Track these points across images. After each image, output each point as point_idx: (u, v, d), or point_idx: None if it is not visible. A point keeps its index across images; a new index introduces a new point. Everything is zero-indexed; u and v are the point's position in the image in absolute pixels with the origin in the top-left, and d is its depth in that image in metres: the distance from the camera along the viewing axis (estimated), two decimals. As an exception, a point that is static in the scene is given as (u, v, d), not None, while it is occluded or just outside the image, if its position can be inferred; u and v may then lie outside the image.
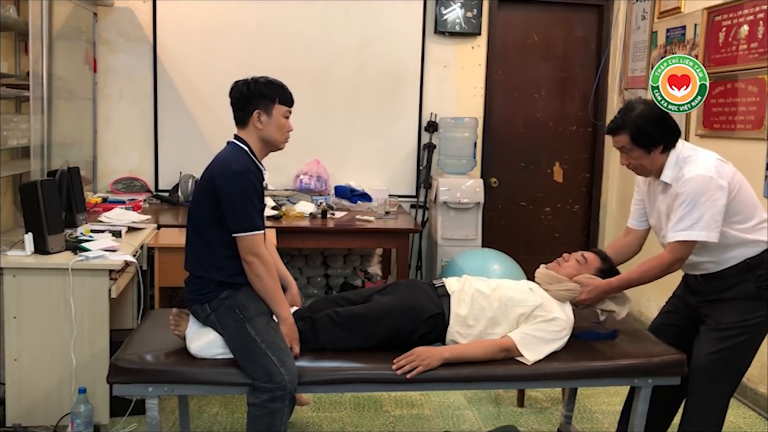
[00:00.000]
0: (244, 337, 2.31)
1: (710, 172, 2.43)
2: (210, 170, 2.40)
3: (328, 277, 4.74)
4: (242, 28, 4.66)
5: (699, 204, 2.39)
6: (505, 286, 2.59)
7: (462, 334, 2.48)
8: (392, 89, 4.87)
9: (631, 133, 2.50)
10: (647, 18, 4.63)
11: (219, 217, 2.34)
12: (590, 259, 2.70)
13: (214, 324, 2.37)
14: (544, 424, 3.25)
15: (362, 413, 3.31)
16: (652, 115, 2.53)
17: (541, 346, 2.43)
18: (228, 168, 2.34)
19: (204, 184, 2.40)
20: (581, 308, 2.66)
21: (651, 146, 2.50)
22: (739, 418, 3.38)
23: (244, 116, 2.44)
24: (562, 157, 5.18)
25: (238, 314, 2.34)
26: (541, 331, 2.45)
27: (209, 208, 2.36)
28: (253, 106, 2.42)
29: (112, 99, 4.61)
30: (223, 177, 2.32)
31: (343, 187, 4.59)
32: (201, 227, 2.40)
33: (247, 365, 2.30)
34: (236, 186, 2.32)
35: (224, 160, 2.40)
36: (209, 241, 2.38)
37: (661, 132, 2.51)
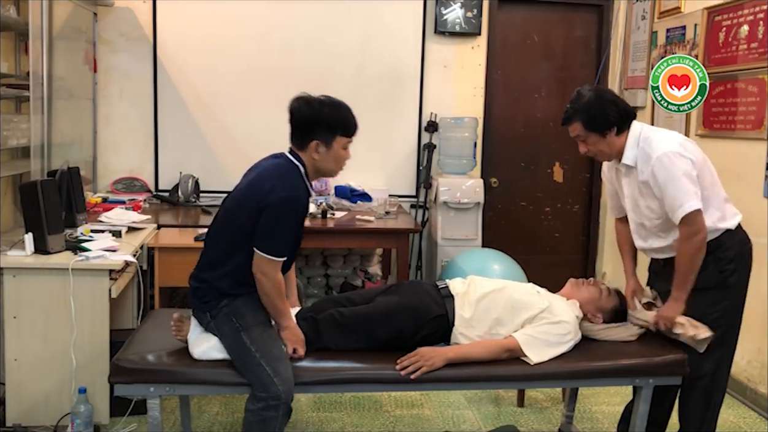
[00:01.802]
0: (240, 346, 2.30)
1: (676, 147, 2.48)
2: (261, 181, 2.32)
3: (328, 277, 4.74)
4: (242, 28, 4.65)
5: (678, 177, 2.43)
6: (513, 288, 2.59)
7: (466, 335, 2.47)
8: (392, 89, 4.87)
9: (583, 119, 2.55)
10: (647, 18, 4.63)
11: (252, 227, 2.28)
12: (612, 296, 2.73)
13: (214, 331, 2.37)
14: (544, 424, 3.25)
15: (362, 413, 3.31)
16: (601, 100, 2.56)
17: (545, 349, 2.43)
18: (281, 188, 2.27)
19: (250, 192, 2.33)
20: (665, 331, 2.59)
21: (604, 130, 2.54)
22: (739, 418, 3.38)
23: (302, 141, 2.38)
24: (562, 157, 5.18)
25: (235, 323, 2.32)
26: (546, 334, 2.45)
27: (246, 216, 2.30)
28: (314, 135, 2.35)
29: (112, 99, 4.60)
30: (273, 195, 2.26)
31: (343, 187, 4.59)
32: (229, 231, 2.35)
33: (244, 374, 2.30)
34: (282, 209, 2.27)
35: (279, 176, 2.32)
36: (231, 246, 2.33)
37: (613, 115, 2.54)
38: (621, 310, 2.70)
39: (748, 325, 3.58)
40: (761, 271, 3.47)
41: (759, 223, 3.49)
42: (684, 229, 2.46)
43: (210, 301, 2.36)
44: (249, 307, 2.35)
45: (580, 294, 2.68)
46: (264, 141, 4.71)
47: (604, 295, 2.69)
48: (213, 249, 2.41)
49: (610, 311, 2.68)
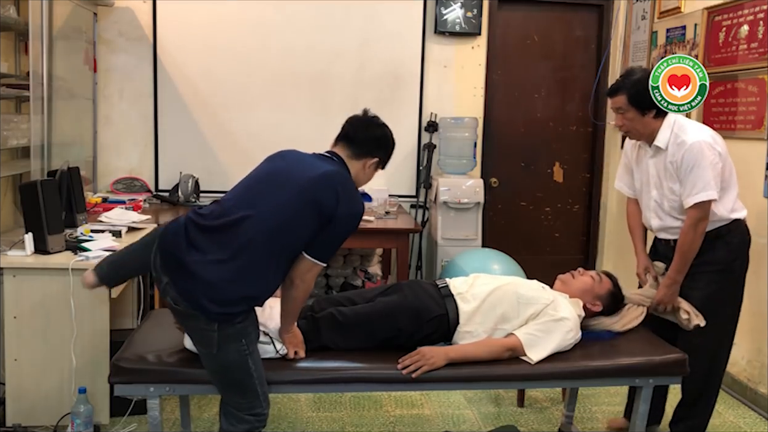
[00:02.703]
0: (243, 368, 2.17)
1: (708, 138, 2.67)
2: (326, 191, 2.18)
3: (328, 277, 4.74)
4: (242, 28, 4.66)
5: (704, 167, 2.61)
6: (518, 283, 2.60)
7: (471, 332, 2.47)
8: (392, 89, 4.87)
9: (629, 94, 2.73)
10: (647, 18, 4.63)
11: (309, 233, 2.16)
12: (604, 280, 2.72)
13: (210, 339, 2.12)
14: (544, 424, 3.25)
15: (362, 413, 3.31)
16: (648, 81, 2.76)
17: (546, 347, 2.43)
18: (349, 201, 2.21)
19: (317, 196, 2.17)
20: (662, 312, 2.76)
21: (645, 109, 2.73)
22: (739, 418, 3.38)
23: (363, 151, 2.37)
24: (562, 157, 5.18)
25: (243, 344, 2.15)
26: (548, 332, 2.44)
27: (304, 220, 2.15)
28: (378, 153, 2.38)
29: (112, 99, 4.61)
30: (343, 209, 2.18)
31: (343, 187, 4.58)
32: (280, 234, 2.13)
33: (231, 394, 2.21)
34: (350, 224, 2.23)
35: (344, 189, 2.22)
36: (278, 251, 2.15)
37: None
38: (616, 292, 2.70)
39: (748, 325, 3.59)
40: (761, 271, 3.48)
41: (759, 223, 3.49)
42: (694, 214, 2.64)
43: (224, 311, 2.10)
44: (253, 325, 2.21)
45: (573, 287, 2.67)
46: (264, 141, 4.74)
47: (597, 281, 2.69)
48: (246, 249, 2.11)
49: (607, 295, 2.67)
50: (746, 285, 3.66)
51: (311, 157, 2.38)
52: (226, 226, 2.14)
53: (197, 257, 2.09)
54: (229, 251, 2.10)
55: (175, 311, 2.18)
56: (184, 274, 2.09)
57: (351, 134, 2.40)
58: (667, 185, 2.74)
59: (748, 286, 3.63)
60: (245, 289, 2.11)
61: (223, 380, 2.21)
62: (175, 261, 2.11)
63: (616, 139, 5.05)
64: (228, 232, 2.13)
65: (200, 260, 2.09)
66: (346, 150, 2.38)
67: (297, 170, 2.28)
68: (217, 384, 2.23)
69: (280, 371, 2.31)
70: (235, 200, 2.24)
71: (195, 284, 2.08)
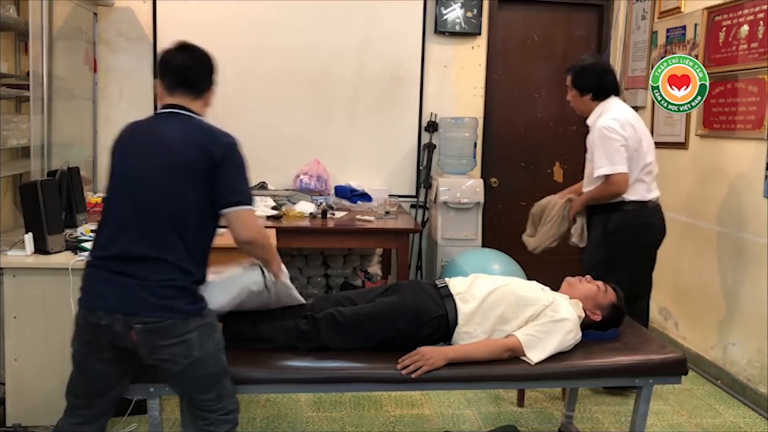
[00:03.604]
0: (219, 366, 2.13)
1: (612, 123, 3.21)
2: (196, 139, 2.07)
3: (328, 277, 4.74)
4: (242, 27, 4.65)
5: (606, 146, 3.19)
6: (517, 284, 2.59)
7: (470, 333, 2.47)
8: (392, 89, 4.87)
9: (572, 76, 3.37)
10: (647, 18, 4.63)
11: (208, 197, 2.07)
12: (609, 292, 2.70)
13: (191, 344, 2.05)
14: (544, 424, 3.25)
15: (362, 413, 3.31)
16: (593, 69, 3.35)
17: (546, 348, 2.42)
18: (224, 134, 2.11)
19: (189, 155, 2.05)
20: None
21: (583, 91, 3.34)
22: (739, 418, 3.38)
23: (201, 86, 2.19)
24: (562, 157, 5.18)
25: (217, 340, 2.13)
26: (548, 333, 2.44)
27: (200, 186, 2.05)
28: (212, 78, 2.22)
29: (112, 99, 4.60)
30: (225, 141, 2.09)
31: (343, 187, 4.59)
32: (187, 212, 2.06)
33: (207, 397, 2.12)
34: (239, 152, 2.11)
35: (209, 127, 2.14)
36: (194, 231, 2.08)
37: (593, 84, 3.31)
38: (619, 306, 2.69)
39: (748, 325, 3.59)
40: (761, 270, 3.48)
41: (759, 223, 3.49)
42: (601, 184, 3.26)
43: (188, 304, 2.06)
44: (215, 320, 2.18)
45: (578, 291, 2.67)
46: (264, 140, 4.74)
47: (602, 291, 2.69)
48: (171, 238, 2.03)
49: (608, 307, 2.67)
50: (746, 284, 3.67)
51: (161, 128, 2.14)
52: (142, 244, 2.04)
53: (141, 275, 2.02)
54: (160, 251, 2.03)
55: (145, 342, 2.03)
56: (140, 294, 2.01)
57: (187, 79, 2.17)
58: (590, 157, 3.34)
59: (748, 286, 3.64)
60: (193, 274, 2.07)
61: (202, 383, 2.12)
62: (128, 298, 2.02)
63: (616, 139, 5.05)
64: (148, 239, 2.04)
65: (144, 275, 2.02)
66: (186, 96, 2.17)
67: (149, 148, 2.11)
68: (192, 390, 2.13)
69: (281, 371, 2.31)
70: (127, 216, 2.08)
71: (155, 293, 2.01)
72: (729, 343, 3.74)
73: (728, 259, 3.75)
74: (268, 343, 2.40)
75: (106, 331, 2.04)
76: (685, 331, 4.16)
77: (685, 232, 4.15)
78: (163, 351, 2.04)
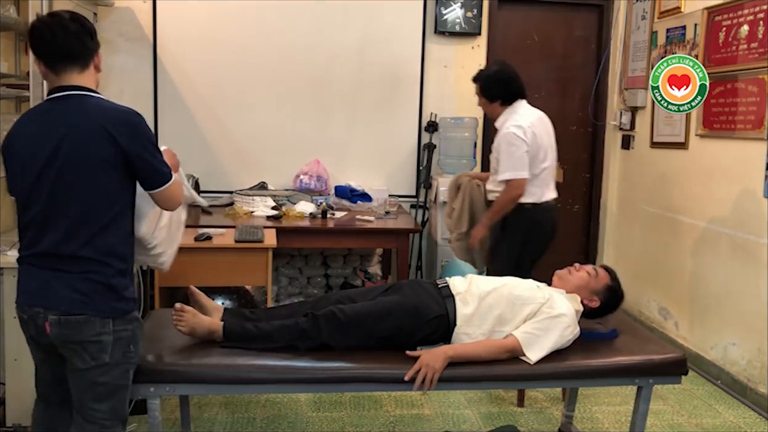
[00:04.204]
0: (122, 381, 2.08)
1: (516, 130, 3.35)
2: (96, 120, 1.96)
3: (328, 277, 4.74)
4: (242, 28, 4.66)
5: (509, 153, 3.34)
6: (513, 284, 2.59)
7: (469, 334, 2.46)
8: (392, 89, 4.87)
9: (480, 86, 3.49)
10: (647, 18, 4.63)
11: (122, 184, 2.01)
12: (601, 275, 2.70)
13: (104, 348, 2.01)
14: (544, 424, 3.25)
15: (362, 413, 3.31)
16: (498, 77, 3.48)
17: (545, 345, 2.42)
18: (126, 109, 2.01)
19: (101, 143, 1.95)
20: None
21: (492, 99, 3.48)
22: (739, 418, 3.38)
23: (85, 54, 2.02)
24: (562, 157, 5.15)
25: (132, 352, 2.09)
26: (546, 330, 2.43)
27: (113, 175, 1.98)
28: (95, 44, 2.05)
29: (111, 99, 4.58)
30: (130, 120, 2.00)
31: (343, 187, 4.59)
32: (101, 203, 1.98)
33: (101, 406, 2.05)
34: (147, 131, 2.03)
35: (108, 104, 2.03)
36: (110, 221, 2.00)
37: (501, 91, 3.45)
38: (615, 286, 2.67)
39: (748, 325, 3.59)
40: (761, 271, 3.48)
41: (759, 223, 3.49)
42: (503, 187, 3.38)
43: (113, 304, 2.01)
44: (142, 334, 2.14)
45: (570, 284, 2.66)
46: (264, 141, 4.74)
47: (593, 276, 2.67)
48: (90, 227, 1.96)
49: (604, 290, 2.65)
50: (746, 284, 3.67)
51: (59, 117, 1.99)
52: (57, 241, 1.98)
53: (61, 268, 1.98)
54: (78, 245, 1.98)
55: (58, 334, 1.99)
56: (59, 288, 1.97)
57: (66, 50, 1.99)
58: (493, 156, 3.51)
59: (748, 286, 3.64)
60: (109, 281, 2.00)
61: (99, 390, 2.05)
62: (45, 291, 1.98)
63: (616, 139, 5.05)
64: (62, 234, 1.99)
65: (64, 269, 1.98)
66: (72, 70, 2.01)
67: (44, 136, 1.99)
68: (87, 395, 2.05)
69: (281, 371, 2.31)
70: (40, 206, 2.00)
71: (74, 287, 1.97)
72: (729, 343, 3.74)
73: (728, 259, 3.75)
74: (269, 341, 2.40)
75: (30, 326, 2.04)
76: (685, 331, 4.16)
77: (685, 232, 4.15)
78: (74, 344, 2.00)
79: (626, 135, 4.91)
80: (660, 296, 4.44)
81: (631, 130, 4.84)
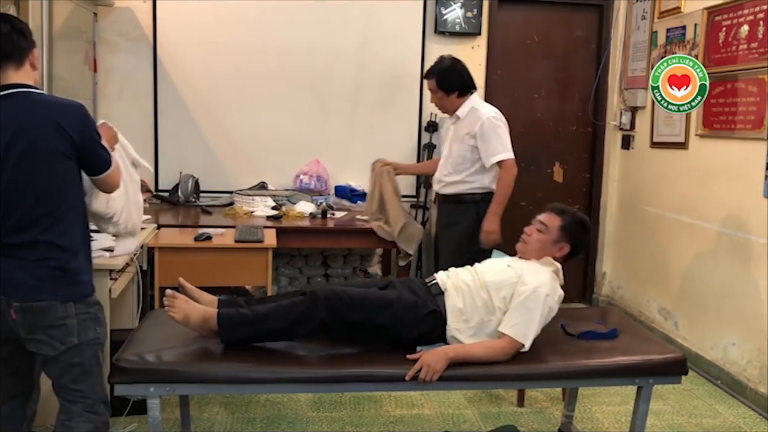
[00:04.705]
0: (95, 362, 2.20)
1: (496, 114, 3.51)
2: (45, 116, 2.04)
3: (328, 277, 4.73)
4: (242, 28, 4.65)
5: (498, 135, 3.47)
6: (484, 271, 2.57)
7: (461, 329, 2.47)
8: (392, 89, 4.87)
9: (437, 79, 3.57)
10: (647, 18, 4.63)
11: (74, 172, 2.12)
12: (550, 223, 2.62)
13: (70, 331, 2.11)
14: (544, 424, 3.25)
15: (362, 413, 3.31)
16: (453, 69, 3.58)
17: (533, 326, 2.41)
18: (72, 103, 2.12)
19: (53, 136, 2.04)
20: None
21: (449, 91, 3.56)
22: (739, 418, 3.38)
23: (20, 52, 2.08)
24: (562, 157, 5.18)
25: (99, 334, 2.20)
26: (528, 311, 2.41)
27: (66, 164, 2.08)
28: (31, 43, 2.12)
29: (112, 99, 4.60)
30: (77, 113, 2.10)
31: (343, 187, 4.59)
32: (57, 191, 2.08)
33: (80, 386, 2.17)
34: (91, 120, 2.15)
35: (53, 99, 2.15)
36: (66, 208, 2.11)
37: (457, 83, 3.55)
38: (569, 221, 2.59)
39: (748, 325, 3.59)
40: (761, 271, 3.48)
41: (759, 223, 3.49)
42: (501, 174, 3.51)
43: (75, 286, 2.13)
44: (104, 317, 2.25)
45: (533, 251, 2.61)
46: (264, 141, 4.74)
47: (545, 230, 2.61)
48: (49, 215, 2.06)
49: (562, 233, 2.58)
50: (746, 284, 3.67)
51: (7, 114, 2.04)
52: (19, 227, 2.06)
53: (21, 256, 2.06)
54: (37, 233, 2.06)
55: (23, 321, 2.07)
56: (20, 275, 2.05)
57: (4, 51, 2.07)
58: (456, 147, 3.56)
59: (748, 286, 3.64)
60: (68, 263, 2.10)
61: (76, 370, 2.16)
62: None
63: (616, 139, 5.05)
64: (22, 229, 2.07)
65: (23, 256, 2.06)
66: (8, 69, 2.08)
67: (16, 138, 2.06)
68: (65, 378, 2.16)
69: (281, 371, 2.31)
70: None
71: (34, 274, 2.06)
72: (729, 343, 3.74)
73: (728, 259, 3.75)
74: (265, 323, 2.36)
75: None
76: (685, 331, 4.16)
77: (685, 232, 4.15)
78: (41, 333, 2.09)
79: (626, 135, 4.91)
80: (660, 296, 4.44)
81: (631, 130, 4.84)
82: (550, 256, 2.62)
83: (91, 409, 2.20)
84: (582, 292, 5.27)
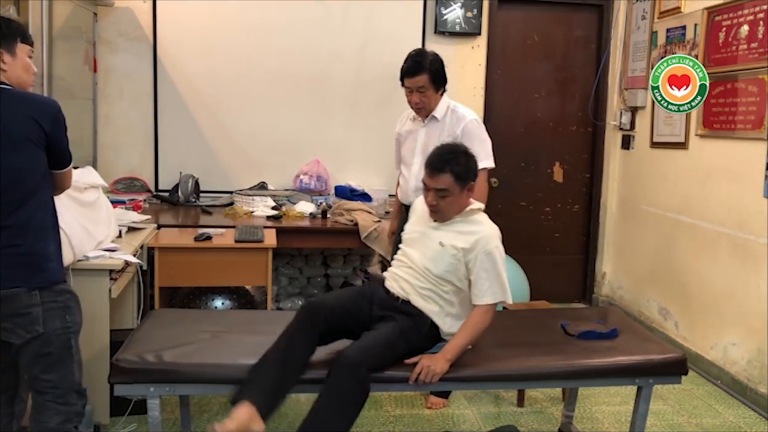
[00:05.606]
0: (65, 351, 2.18)
1: (477, 116, 3.26)
2: (19, 110, 2.08)
3: (328, 277, 4.73)
4: (242, 28, 4.65)
5: (481, 139, 3.18)
6: (428, 267, 2.52)
7: (448, 323, 2.51)
8: (392, 89, 4.81)
9: (430, 74, 3.14)
10: (647, 18, 4.63)
11: (42, 162, 2.15)
12: (445, 184, 2.46)
13: (35, 320, 2.11)
14: (544, 424, 3.25)
15: (362, 413, 3.29)
16: (442, 64, 3.20)
17: (503, 280, 2.48)
18: (46, 99, 2.21)
19: (29, 128, 2.09)
20: None
21: (439, 87, 3.18)
22: (739, 418, 3.38)
23: None
24: (562, 157, 5.18)
25: (69, 322, 2.18)
26: (491, 270, 2.46)
27: (36, 154, 2.12)
28: (18, 33, 2.19)
29: (112, 99, 4.60)
30: (50, 108, 2.16)
31: (343, 187, 4.59)
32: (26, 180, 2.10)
33: (50, 376, 2.16)
34: (63, 117, 2.19)
35: (27, 94, 2.18)
36: (34, 197, 2.13)
37: (445, 79, 3.21)
38: (461, 172, 2.48)
39: (748, 325, 3.59)
40: (761, 271, 3.48)
41: (759, 223, 3.49)
42: (482, 178, 3.04)
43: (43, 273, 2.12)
44: (78, 306, 2.24)
45: (450, 212, 2.52)
46: (264, 141, 4.74)
47: (446, 186, 2.46)
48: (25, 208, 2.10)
49: (455, 181, 2.45)
50: (746, 284, 3.67)
51: None
52: None
53: None
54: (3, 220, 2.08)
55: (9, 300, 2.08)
56: None
57: None
58: None
59: (748, 286, 3.64)
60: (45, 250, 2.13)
61: (44, 361, 2.15)
62: None
63: (616, 139, 5.05)
64: None
65: None
66: None
67: None
68: (35, 368, 2.16)
69: (280, 371, 2.31)
70: None
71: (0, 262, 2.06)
72: (729, 343, 3.74)
73: (728, 259, 3.75)
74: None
75: None
76: (685, 331, 4.16)
77: (685, 232, 4.15)
78: (7, 321, 2.08)
79: (626, 135, 4.91)
80: (660, 296, 4.44)
81: (631, 130, 4.84)
82: (465, 206, 2.56)
83: (61, 399, 2.18)
84: (582, 292, 5.26)
